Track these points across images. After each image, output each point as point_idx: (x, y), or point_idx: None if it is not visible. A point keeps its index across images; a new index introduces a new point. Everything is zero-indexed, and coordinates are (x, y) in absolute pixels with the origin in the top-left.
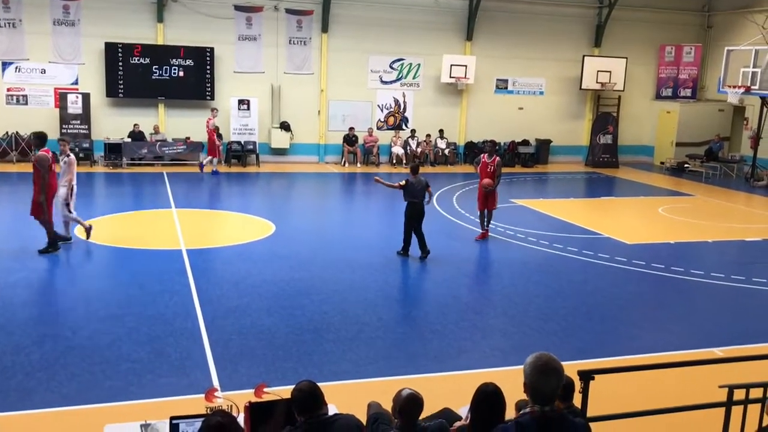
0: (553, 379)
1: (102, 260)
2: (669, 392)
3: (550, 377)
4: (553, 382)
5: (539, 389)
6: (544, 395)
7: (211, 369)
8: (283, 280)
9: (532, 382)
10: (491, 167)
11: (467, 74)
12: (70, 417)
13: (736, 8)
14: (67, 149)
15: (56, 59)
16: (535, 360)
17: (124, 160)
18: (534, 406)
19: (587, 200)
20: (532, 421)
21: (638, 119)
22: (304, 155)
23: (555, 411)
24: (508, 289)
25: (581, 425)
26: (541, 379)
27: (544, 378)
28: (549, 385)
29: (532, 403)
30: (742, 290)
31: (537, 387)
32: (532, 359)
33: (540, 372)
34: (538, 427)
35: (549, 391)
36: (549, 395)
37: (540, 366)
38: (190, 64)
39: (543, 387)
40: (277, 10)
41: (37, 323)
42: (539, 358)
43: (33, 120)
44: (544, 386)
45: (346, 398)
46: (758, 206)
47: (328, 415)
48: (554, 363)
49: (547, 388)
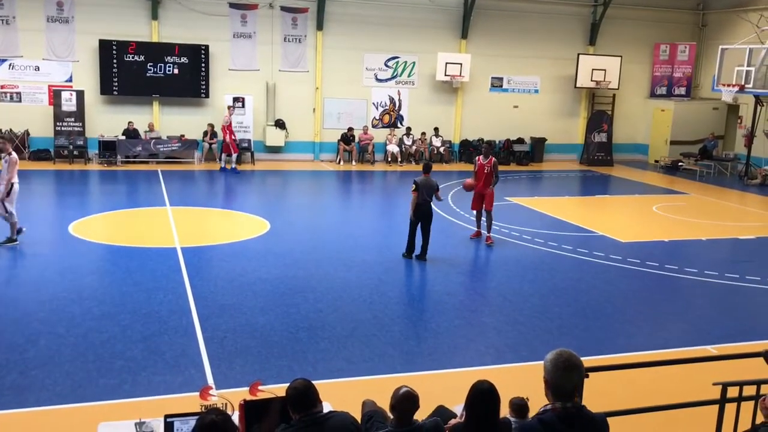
0: (574, 375)
1: (96, 258)
2: (663, 390)
3: (572, 374)
4: (575, 378)
5: (561, 386)
6: (565, 391)
7: (205, 367)
8: (278, 278)
9: (554, 379)
10: (488, 168)
11: (462, 72)
12: (64, 415)
13: (731, 7)
14: (8, 148)
15: (50, 56)
16: (556, 357)
17: (119, 157)
18: (555, 402)
19: (582, 198)
20: (555, 418)
21: (633, 117)
22: (299, 153)
23: (575, 407)
24: (502, 287)
25: (601, 419)
26: (564, 375)
27: (566, 375)
28: (571, 382)
29: (554, 399)
30: (736, 288)
31: (559, 384)
32: (553, 357)
33: (562, 369)
34: (561, 423)
35: (571, 387)
36: (570, 391)
37: (561, 363)
38: (184, 62)
39: (565, 383)
40: (272, 7)
41: (32, 321)
42: (560, 355)
43: (27, 117)
44: (566, 383)
45: (340, 396)
46: (752, 204)
47: (322, 412)
48: (575, 359)
49: (569, 384)
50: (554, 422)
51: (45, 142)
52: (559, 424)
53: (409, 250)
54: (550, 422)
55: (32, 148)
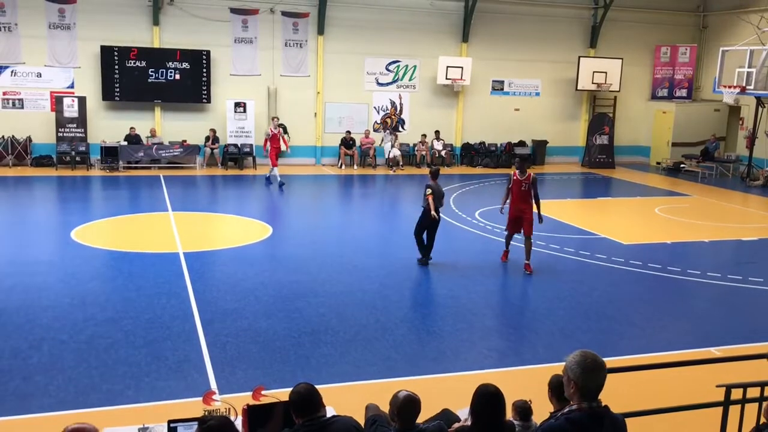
0: (601, 375)
1: (99, 263)
2: (667, 392)
3: (598, 374)
4: (601, 378)
5: (588, 386)
6: (591, 391)
7: (208, 372)
8: (280, 282)
9: (581, 380)
10: (525, 185)
11: (463, 76)
12: (68, 421)
13: (731, 8)
14: None
15: (52, 63)
16: (581, 359)
17: (121, 163)
18: (582, 403)
19: (584, 201)
20: (582, 416)
21: (634, 120)
22: (301, 157)
23: (601, 406)
24: (505, 290)
25: (621, 418)
26: (591, 376)
27: (592, 375)
28: (597, 382)
29: (580, 399)
30: (739, 290)
31: (586, 384)
32: (578, 358)
33: (589, 370)
34: (590, 421)
35: (596, 387)
36: (596, 391)
37: (588, 364)
38: (186, 67)
39: (591, 384)
40: (273, 12)
41: (34, 327)
42: (585, 356)
43: (29, 124)
44: (592, 383)
45: (344, 400)
46: (754, 206)
47: (326, 417)
48: (599, 360)
49: (595, 384)
50: (583, 421)
51: (47, 148)
52: (589, 423)
53: (424, 254)
54: (578, 421)
55: (34, 154)
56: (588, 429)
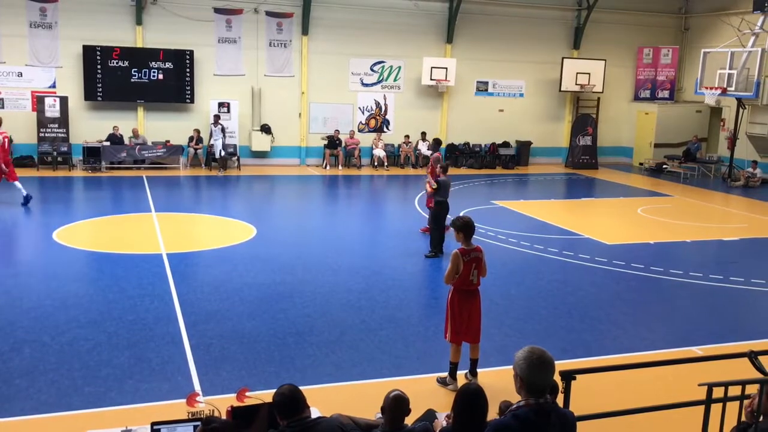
0: (548, 372)
1: (81, 265)
2: (649, 391)
3: (545, 370)
4: (548, 374)
5: (534, 382)
6: (538, 387)
7: (192, 373)
8: (265, 283)
9: (527, 377)
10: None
11: (448, 76)
12: (50, 424)
13: (712, 11)
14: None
15: (33, 62)
16: (528, 355)
17: (103, 163)
18: (529, 399)
19: (567, 201)
20: (529, 412)
21: (617, 121)
22: (285, 158)
23: (548, 402)
24: (488, 289)
25: (570, 414)
26: (537, 373)
27: (539, 372)
28: (543, 378)
29: (527, 396)
30: (720, 289)
31: (533, 381)
32: (525, 354)
33: (535, 366)
34: (537, 417)
35: (544, 383)
36: (544, 387)
37: (534, 360)
38: (169, 67)
39: (538, 380)
40: (257, 12)
41: (16, 329)
42: (532, 352)
43: (10, 124)
44: (539, 379)
45: (329, 401)
46: (735, 206)
47: (310, 418)
48: (547, 356)
49: (542, 380)
50: (530, 417)
51: (28, 148)
52: (535, 418)
53: (438, 248)
54: (525, 417)
55: (15, 154)
56: (534, 425)
